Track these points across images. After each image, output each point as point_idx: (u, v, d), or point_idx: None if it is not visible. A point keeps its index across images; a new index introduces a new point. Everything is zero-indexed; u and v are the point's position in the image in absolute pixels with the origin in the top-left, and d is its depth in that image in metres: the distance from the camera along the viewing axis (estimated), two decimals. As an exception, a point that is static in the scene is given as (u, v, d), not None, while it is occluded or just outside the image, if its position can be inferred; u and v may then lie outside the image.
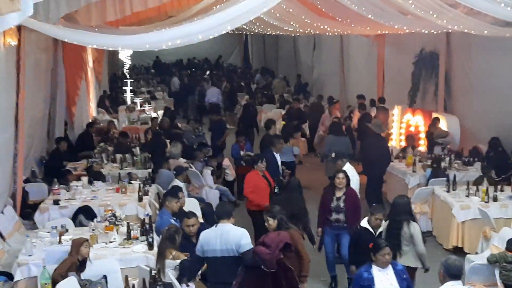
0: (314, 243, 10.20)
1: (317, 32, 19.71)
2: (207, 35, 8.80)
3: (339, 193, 10.01)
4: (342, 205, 9.99)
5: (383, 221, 8.98)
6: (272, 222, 8.30)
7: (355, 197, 10.18)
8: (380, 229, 8.92)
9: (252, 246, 7.65)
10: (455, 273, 6.50)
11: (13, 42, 10.70)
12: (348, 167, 11.26)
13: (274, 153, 12.55)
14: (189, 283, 8.19)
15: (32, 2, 5.25)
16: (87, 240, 8.42)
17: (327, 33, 19.60)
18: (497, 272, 8.91)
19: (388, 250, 7.36)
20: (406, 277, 7.38)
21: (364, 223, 9.04)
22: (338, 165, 11.29)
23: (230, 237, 7.63)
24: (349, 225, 9.85)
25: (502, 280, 8.79)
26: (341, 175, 10.07)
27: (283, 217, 8.43)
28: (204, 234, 7.83)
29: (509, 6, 8.38)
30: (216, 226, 7.78)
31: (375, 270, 7.27)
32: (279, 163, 12.53)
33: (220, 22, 8.52)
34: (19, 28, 10.22)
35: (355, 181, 10.90)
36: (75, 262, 8.14)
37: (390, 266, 7.35)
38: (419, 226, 9.15)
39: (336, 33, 19.58)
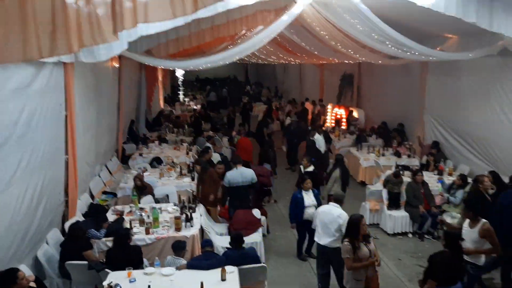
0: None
1: (286, 62, 19.54)
2: (224, 62, 8.76)
3: None
4: None
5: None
6: None
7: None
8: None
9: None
10: (337, 198, 6.31)
11: (116, 64, 10.64)
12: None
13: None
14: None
15: (127, 40, 5.18)
16: (138, 177, 8.20)
17: (292, 62, 19.44)
18: (383, 194, 8.96)
19: (309, 181, 7.33)
20: (318, 196, 7.42)
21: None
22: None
23: (246, 174, 7.89)
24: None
25: (389, 190, 8.81)
26: None
27: None
28: (229, 174, 7.93)
29: (393, 46, 8.30)
30: (236, 169, 7.88)
31: (303, 193, 7.24)
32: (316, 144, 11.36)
33: (231, 55, 8.46)
34: (120, 56, 10.15)
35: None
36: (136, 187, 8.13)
37: (311, 191, 7.30)
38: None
39: (297, 62, 19.46)
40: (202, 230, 6.89)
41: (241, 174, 7.82)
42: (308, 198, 7.21)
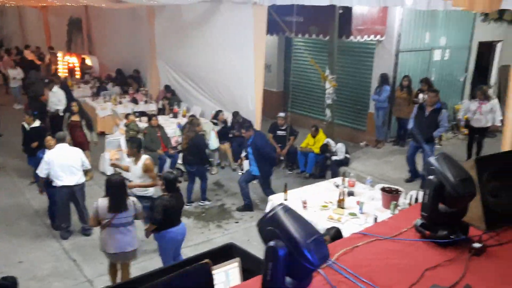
0: None
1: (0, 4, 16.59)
2: None
3: None
4: None
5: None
6: None
7: None
8: None
9: None
10: (60, 137, 6.41)
11: None
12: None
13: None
14: None
15: None
16: None
17: (7, 4, 16.57)
18: (122, 142, 8.86)
19: (50, 138, 6.67)
20: None
21: None
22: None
23: None
24: None
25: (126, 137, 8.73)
26: None
27: None
28: None
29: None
30: None
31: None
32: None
33: None
34: None
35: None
36: None
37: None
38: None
39: (12, 5, 16.74)
40: None
41: None
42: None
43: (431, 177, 2.38)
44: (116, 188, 4.85)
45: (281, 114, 9.22)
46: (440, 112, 7.49)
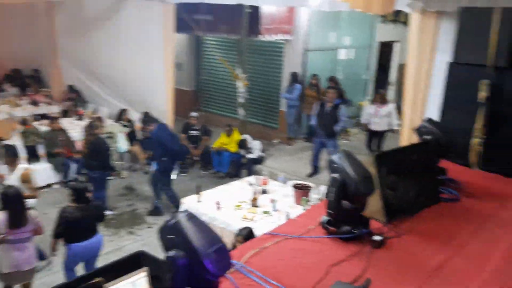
0: None
1: None
2: None
3: None
4: None
5: None
6: None
7: None
8: None
9: None
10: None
11: None
12: None
13: None
14: None
15: None
16: None
17: None
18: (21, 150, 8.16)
19: None
20: None
21: None
22: None
23: None
24: None
25: (25, 143, 8.13)
26: None
27: None
28: None
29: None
30: None
31: None
32: None
33: None
34: None
35: None
36: None
37: None
38: None
39: None
40: None
41: None
42: None
43: (335, 175, 2.43)
44: (14, 202, 4.42)
45: (194, 114, 9.09)
46: (339, 107, 7.86)
